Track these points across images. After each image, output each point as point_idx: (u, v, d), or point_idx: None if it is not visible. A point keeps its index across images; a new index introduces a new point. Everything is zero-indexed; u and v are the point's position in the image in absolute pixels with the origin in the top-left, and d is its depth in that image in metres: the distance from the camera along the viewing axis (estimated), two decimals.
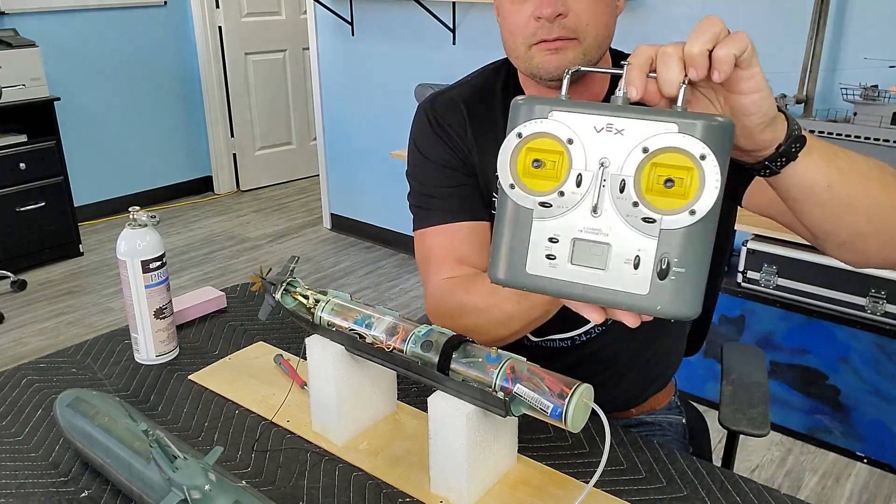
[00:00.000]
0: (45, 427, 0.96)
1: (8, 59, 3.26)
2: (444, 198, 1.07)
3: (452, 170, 1.08)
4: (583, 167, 0.61)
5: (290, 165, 4.90)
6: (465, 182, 1.07)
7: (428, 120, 1.10)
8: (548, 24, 0.91)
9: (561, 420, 0.72)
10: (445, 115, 1.09)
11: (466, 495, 0.81)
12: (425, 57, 3.28)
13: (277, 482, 0.85)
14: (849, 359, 2.05)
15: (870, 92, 2.00)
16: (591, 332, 1.08)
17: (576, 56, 0.94)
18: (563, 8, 0.90)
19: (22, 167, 3.37)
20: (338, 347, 0.89)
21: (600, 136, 0.60)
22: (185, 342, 1.17)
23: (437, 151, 1.08)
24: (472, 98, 1.09)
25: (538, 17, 0.91)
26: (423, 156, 1.10)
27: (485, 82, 1.10)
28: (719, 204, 0.57)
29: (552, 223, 0.62)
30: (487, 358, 0.78)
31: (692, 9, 2.45)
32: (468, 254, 1.06)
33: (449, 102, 1.10)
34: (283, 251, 3.78)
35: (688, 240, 0.58)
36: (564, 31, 0.92)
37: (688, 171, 0.57)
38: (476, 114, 1.08)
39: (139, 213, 1.06)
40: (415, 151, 1.11)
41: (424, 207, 1.09)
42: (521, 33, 0.94)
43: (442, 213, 1.07)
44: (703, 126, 0.56)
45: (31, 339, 2.92)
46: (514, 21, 0.94)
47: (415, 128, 1.12)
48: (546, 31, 0.92)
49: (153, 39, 4.25)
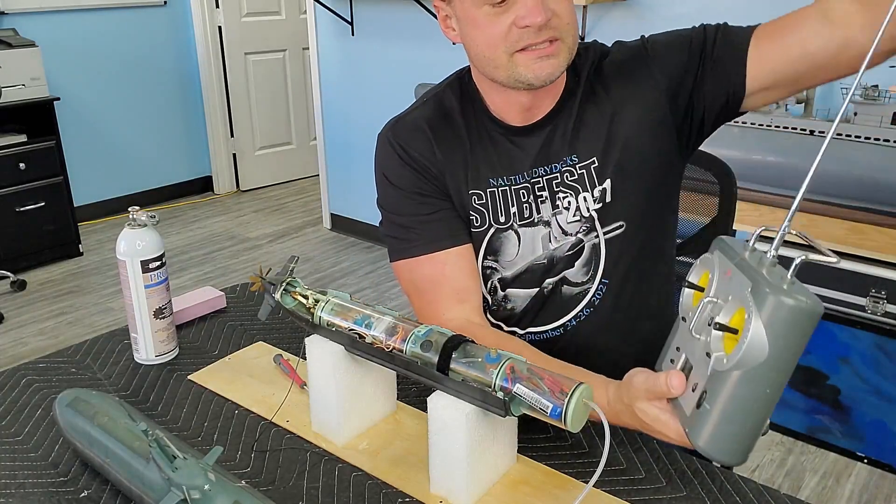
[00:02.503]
0: (44, 427, 0.96)
1: (8, 59, 3.26)
2: (423, 226, 1.06)
3: (427, 196, 1.06)
4: (708, 296, 0.70)
5: (290, 165, 4.90)
6: (441, 207, 1.06)
7: (393, 149, 1.08)
8: (535, 31, 0.92)
9: (560, 420, 0.72)
10: (411, 141, 1.07)
11: (466, 495, 0.81)
12: (425, 57, 3.28)
13: (277, 482, 0.85)
14: (849, 359, 2.05)
15: (870, 92, 2.00)
16: (579, 316, 1.08)
17: (563, 58, 0.96)
18: (549, 13, 0.91)
19: (22, 167, 3.37)
20: (337, 347, 0.89)
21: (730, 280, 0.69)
22: (184, 342, 1.17)
23: (408, 180, 1.06)
24: (434, 118, 1.08)
25: (526, 25, 0.91)
26: (392, 185, 1.08)
27: (442, 101, 1.09)
28: (754, 372, 0.63)
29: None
30: (487, 358, 0.78)
31: (691, 8, 2.45)
32: (463, 283, 1.06)
33: (411, 127, 1.08)
34: (283, 251, 3.78)
35: (717, 381, 0.66)
36: (552, 32, 0.93)
37: (741, 326, 0.64)
38: (441, 135, 1.07)
39: (139, 213, 1.06)
40: (384, 182, 1.09)
41: (402, 238, 1.07)
42: (502, 43, 0.94)
43: (423, 243, 1.06)
44: (766, 297, 0.62)
45: (30, 339, 2.91)
46: (492, 32, 0.94)
47: (380, 158, 1.10)
48: (533, 36, 0.92)
49: (153, 39, 4.24)
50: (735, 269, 0.68)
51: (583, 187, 1.03)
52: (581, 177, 1.03)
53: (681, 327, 0.76)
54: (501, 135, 1.06)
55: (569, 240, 1.05)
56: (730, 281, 0.68)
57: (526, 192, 1.06)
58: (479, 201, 1.07)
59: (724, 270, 0.70)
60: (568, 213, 1.04)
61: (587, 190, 1.03)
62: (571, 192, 1.04)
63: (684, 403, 0.72)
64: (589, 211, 1.03)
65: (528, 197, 1.06)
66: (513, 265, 1.08)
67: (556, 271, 1.07)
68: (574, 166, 1.03)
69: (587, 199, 1.03)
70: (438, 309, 1.04)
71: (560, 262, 1.06)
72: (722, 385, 0.65)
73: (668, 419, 0.76)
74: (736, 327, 0.65)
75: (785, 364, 0.63)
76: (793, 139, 2.11)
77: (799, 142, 2.10)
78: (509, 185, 1.06)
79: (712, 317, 0.67)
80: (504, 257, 1.08)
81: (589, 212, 1.03)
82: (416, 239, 1.06)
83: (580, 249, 1.05)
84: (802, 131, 2.12)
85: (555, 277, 1.07)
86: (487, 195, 1.06)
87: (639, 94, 1.02)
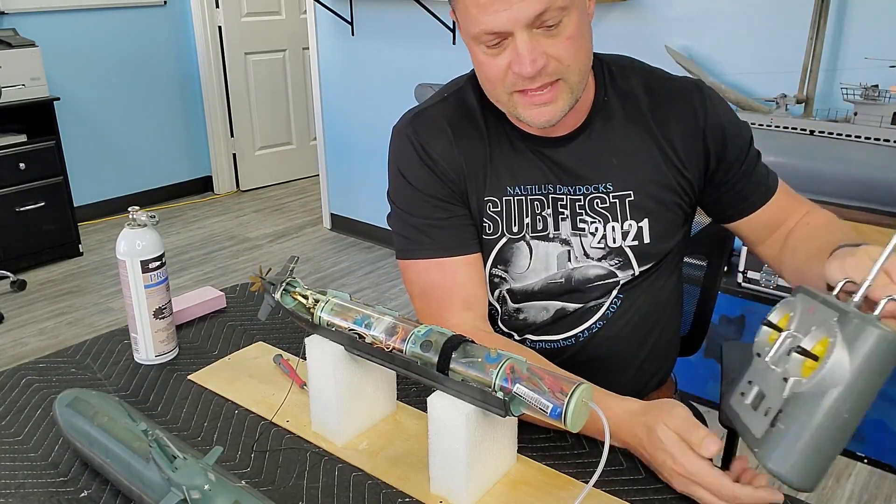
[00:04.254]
0: (44, 427, 0.96)
1: (8, 59, 3.26)
2: (435, 231, 1.02)
3: (443, 201, 1.02)
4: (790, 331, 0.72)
5: (290, 165, 4.90)
6: (456, 213, 1.03)
7: (412, 146, 1.03)
8: (529, 78, 0.88)
9: (561, 420, 0.72)
10: (430, 140, 1.02)
11: (466, 495, 0.81)
12: (425, 57, 3.28)
13: (277, 482, 0.85)
14: None
15: (870, 92, 2.00)
16: (592, 328, 1.08)
17: (565, 101, 0.92)
18: (543, 60, 0.87)
19: (22, 167, 3.37)
20: (337, 347, 0.89)
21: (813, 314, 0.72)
22: (184, 342, 1.17)
23: (426, 182, 1.02)
24: (455, 117, 1.04)
25: (517, 72, 0.88)
26: (409, 184, 1.04)
27: (464, 99, 1.05)
28: (833, 395, 0.65)
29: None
30: (487, 358, 0.78)
31: (692, 9, 2.45)
32: (472, 291, 1.03)
33: (432, 124, 1.03)
34: (283, 251, 3.78)
35: (794, 402, 0.68)
36: (547, 78, 0.89)
37: (822, 353, 0.66)
38: (462, 135, 1.03)
39: (139, 213, 1.06)
40: (399, 177, 1.05)
41: (412, 239, 1.04)
42: (500, 84, 0.91)
43: (434, 248, 1.02)
44: (852, 325, 0.65)
45: (30, 339, 2.91)
46: (490, 72, 0.91)
47: (396, 152, 1.06)
48: (528, 83, 0.89)
49: (153, 39, 4.24)
50: (820, 305, 0.70)
51: (613, 217, 1.01)
52: (613, 206, 1.01)
53: (755, 363, 0.77)
54: (522, 143, 1.03)
55: (592, 264, 1.03)
56: (813, 315, 0.70)
57: (541, 204, 1.03)
58: (493, 208, 1.03)
59: (807, 308, 0.72)
60: (593, 239, 1.02)
61: (617, 220, 1.01)
62: (600, 220, 1.01)
63: (753, 426, 0.72)
64: (617, 242, 1.02)
65: (543, 210, 1.03)
66: (524, 278, 1.06)
67: (580, 296, 1.05)
68: (608, 194, 1.01)
69: (615, 230, 1.01)
70: (444, 314, 1.01)
71: (581, 283, 1.04)
72: (799, 405, 0.67)
73: (679, 451, 0.77)
74: (818, 354, 0.66)
75: (865, 391, 0.64)
76: (793, 139, 2.11)
77: (799, 142, 2.10)
78: (525, 194, 1.03)
79: (792, 347, 0.69)
80: (515, 269, 1.06)
81: (617, 243, 1.02)
82: (428, 242, 1.03)
83: (614, 283, 1.04)
84: (802, 131, 2.11)
85: (585, 304, 1.06)
86: (503, 203, 1.03)
87: (689, 145, 1.01)
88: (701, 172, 1.03)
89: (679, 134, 1.01)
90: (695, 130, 1.01)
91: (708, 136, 1.01)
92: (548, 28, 0.86)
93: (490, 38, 0.87)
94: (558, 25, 0.86)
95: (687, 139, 1.01)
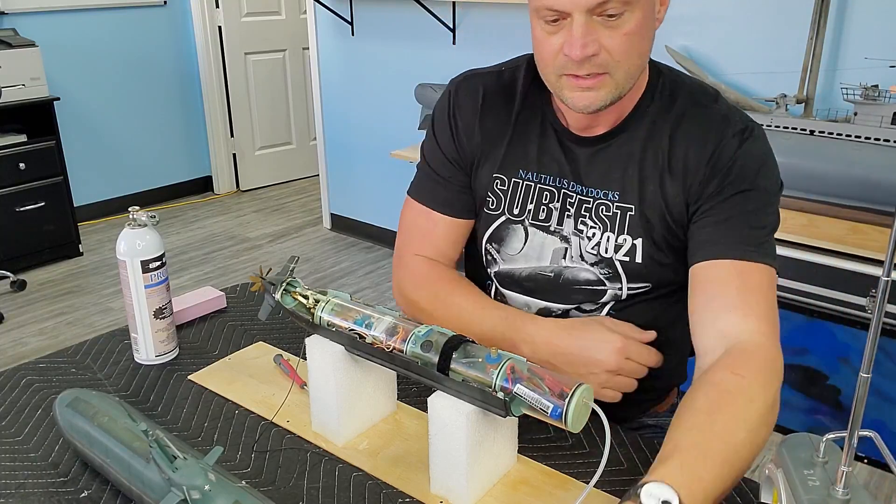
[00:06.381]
0: (44, 427, 0.96)
1: (8, 59, 3.26)
2: (435, 184, 1.10)
3: (449, 162, 1.09)
4: None
5: (290, 165, 4.90)
6: (456, 178, 1.09)
7: (448, 101, 1.10)
8: (577, 62, 0.88)
9: (561, 420, 0.72)
10: (463, 103, 1.08)
11: (466, 495, 0.81)
12: (425, 57, 3.28)
13: (277, 482, 0.85)
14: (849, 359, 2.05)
15: (870, 92, 2.00)
16: None
17: (608, 92, 0.91)
18: (595, 47, 0.87)
19: (22, 167, 3.37)
20: (338, 347, 0.89)
21: None
22: (184, 342, 1.17)
23: (444, 138, 1.10)
24: (494, 90, 1.07)
25: (567, 54, 0.88)
26: (434, 133, 1.12)
27: (515, 74, 1.08)
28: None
29: None
30: (487, 358, 0.78)
31: (692, 9, 2.45)
32: (444, 248, 1.11)
33: (471, 89, 1.09)
34: (283, 251, 3.78)
35: None
36: (595, 69, 0.89)
37: None
38: (489, 110, 1.07)
39: (139, 213, 1.06)
40: (430, 124, 1.13)
41: (419, 180, 1.13)
42: (550, 63, 0.92)
43: (429, 197, 1.10)
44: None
45: (30, 339, 2.91)
46: (544, 50, 0.92)
47: (440, 101, 1.12)
48: (575, 68, 0.89)
49: (153, 39, 4.24)
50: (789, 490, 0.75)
51: (611, 227, 1.00)
52: (614, 216, 1.00)
53: None
54: (554, 132, 1.03)
55: (585, 267, 1.02)
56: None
57: (550, 195, 1.03)
58: (501, 186, 1.07)
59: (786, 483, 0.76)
60: (589, 243, 1.02)
61: (614, 231, 1.00)
62: (600, 226, 1.01)
63: None
64: (608, 253, 1.00)
65: (551, 201, 1.03)
66: (514, 261, 1.07)
67: (564, 297, 1.05)
68: (612, 203, 1.00)
69: (609, 240, 1.00)
70: (413, 252, 1.10)
71: (569, 283, 1.04)
72: None
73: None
74: None
75: None
76: (793, 139, 2.11)
77: (799, 142, 2.10)
78: (537, 182, 1.04)
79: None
80: (506, 249, 1.07)
81: (608, 253, 1.01)
82: (427, 190, 1.11)
83: (601, 292, 1.03)
84: (802, 131, 2.12)
85: (568, 306, 1.05)
86: (510, 184, 1.06)
87: (698, 176, 0.96)
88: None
89: (693, 165, 0.96)
90: (706, 160, 0.96)
91: (714, 166, 0.95)
92: (608, 17, 0.86)
93: (550, 14, 0.88)
94: (619, 17, 0.86)
95: (698, 170, 0.96)
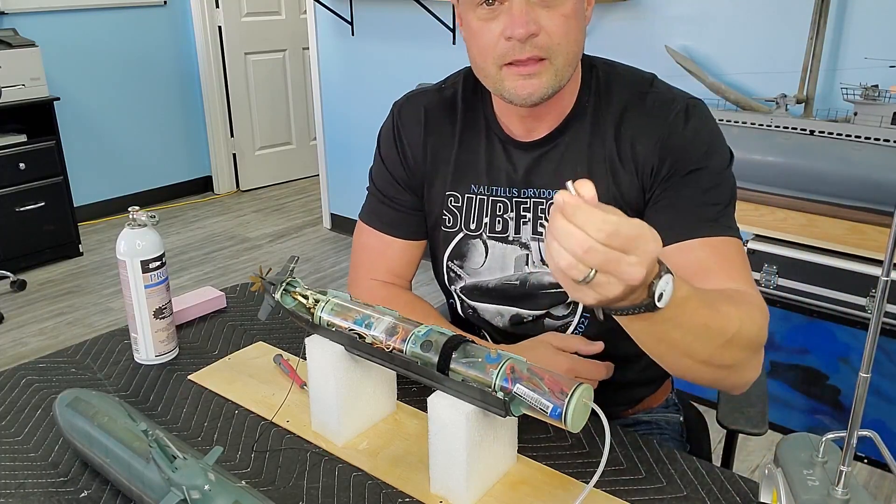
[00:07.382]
0: (44, 427, 0.96)
1: (8, 59, 3.26)
2: (384, 207, 1.12)
3: (398, 184, 1.11)
4: None
5: (290, 165, 4.90)
6: (405, 201, 1.11)
7: (393, 124, 1.11)
8: (519, 44, 0.89)
9: (561, 420, 0.72)
10: (407, 124, 1.09)
11: (466, 495, 0.81)
12: (425, 57, 3.28)
13: (277, 482, 0.85)
14: (849, 359, 2.05)
15: (870, 92, 2.00)
16: (578, 329, 1.06)
17: (548, 79, 0.91)
18: (535, 27, 0.88)
19: (22, 167, 3.37)
20: (337, 347, 0.89)
21: None
22: (184, 342, 1.17)
23: (391, 160, 1.11)
24: (435, 108, 1.08)
25: (509, 37, 0.88)
26: (381, 156, 1.13)
27: (455, 88, 1.09)
28: None
29: None
30: (487, 358, 0.78)
31: (692, 9, 2.45)
32: (399, 269, 1.13)
33: (414, 110, 1.09)
34: (283, 251, 3.78)
35: None
36: (536, 51, 0.89)
37: None
38: (433, 128, 1.08)
39: (139, 213, 1.06)
40: (377, 148, 1.14)
41: (369, 204, 1.15)
42: (490, 53, 0.92)
43: (381, 221, 1.12)
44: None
45: (30, 339, 2.91)
46: (483, 40, 0.92)
47: (385, 123, 1.13)
48: (518, 51, 0.89)
49: (153, 39, 4.24)
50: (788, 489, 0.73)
51: None
52: None
53: None
54: (499, 142, 1.04)
55: (547, 270, 1.01)
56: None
57: (504, 206, 1.04)
58: (454, 203, 1.07)
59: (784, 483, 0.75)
60: None
61: None
62: None
63: None
64: None
65: (505, 212, 1.04)
66: (479, 274, 1.07)
67: (533, 302, 1.04)
68: None
69: None
70: (371, 272, 1.12)
71: (536, 288, 1.04)
72: None
73: None
74: None
75: None
76: (793, 139, 2.11)
77: (799, 142, 2.10)
78: (489, 194, 1.05)
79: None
80: (469, 264, 1.08)
81: None
82: (377, 214, 1.13)
83: (566, 294, 1.02)
84: (802, 131, 2.12)
85: (539, 311, 1.05)
86: (464, 200, 1.06)
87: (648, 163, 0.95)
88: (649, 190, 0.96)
89: (642, 154, 0.95)
90: (655, 146, 0.95)
91: (662, 151, 0.94)
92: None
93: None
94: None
95: (648, 157, 0.95)
